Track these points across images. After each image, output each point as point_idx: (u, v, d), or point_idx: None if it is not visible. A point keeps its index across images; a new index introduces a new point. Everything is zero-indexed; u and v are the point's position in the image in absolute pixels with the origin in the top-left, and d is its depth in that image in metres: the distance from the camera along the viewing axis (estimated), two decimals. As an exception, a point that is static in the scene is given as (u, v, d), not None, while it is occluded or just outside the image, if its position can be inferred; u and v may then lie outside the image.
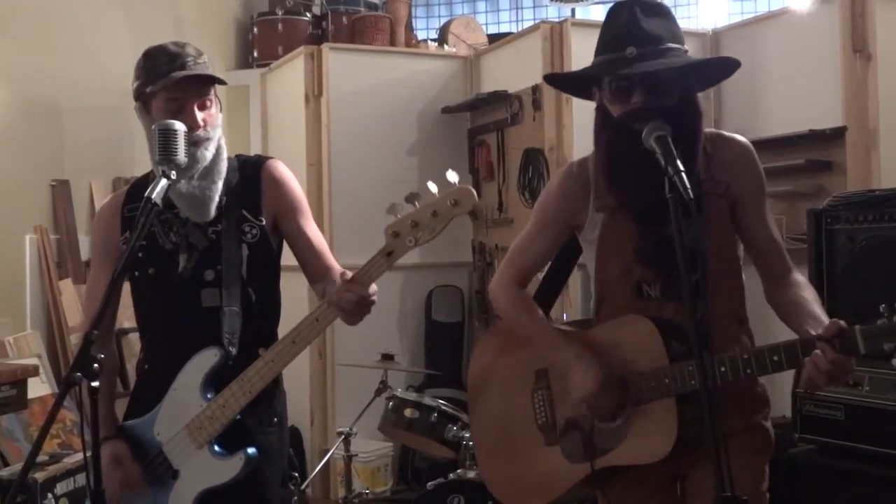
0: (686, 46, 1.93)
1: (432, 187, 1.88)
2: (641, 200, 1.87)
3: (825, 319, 1.82)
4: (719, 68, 2.01)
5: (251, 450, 2.01)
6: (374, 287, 1.95)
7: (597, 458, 1.96)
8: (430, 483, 3.35)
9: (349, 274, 1.95)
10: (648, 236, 1.90)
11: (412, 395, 3.68)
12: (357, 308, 1.94)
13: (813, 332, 1.77)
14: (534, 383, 2.10)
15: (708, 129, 2.00)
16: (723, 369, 1.79)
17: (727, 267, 1.97)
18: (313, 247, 2.20)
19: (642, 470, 1.92)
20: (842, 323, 1.71)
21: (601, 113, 1.99)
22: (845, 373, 1.73)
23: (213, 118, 2.09)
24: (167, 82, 2.02)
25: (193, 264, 2.09)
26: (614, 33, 1.91)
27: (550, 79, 2.27)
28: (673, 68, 1.86)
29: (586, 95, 2.05)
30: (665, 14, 1.93)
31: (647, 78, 1.85)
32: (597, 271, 2.05)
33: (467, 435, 3.44)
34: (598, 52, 1.95)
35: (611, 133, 1.94)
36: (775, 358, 1.75)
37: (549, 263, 2.29)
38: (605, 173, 1.97)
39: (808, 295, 1.94)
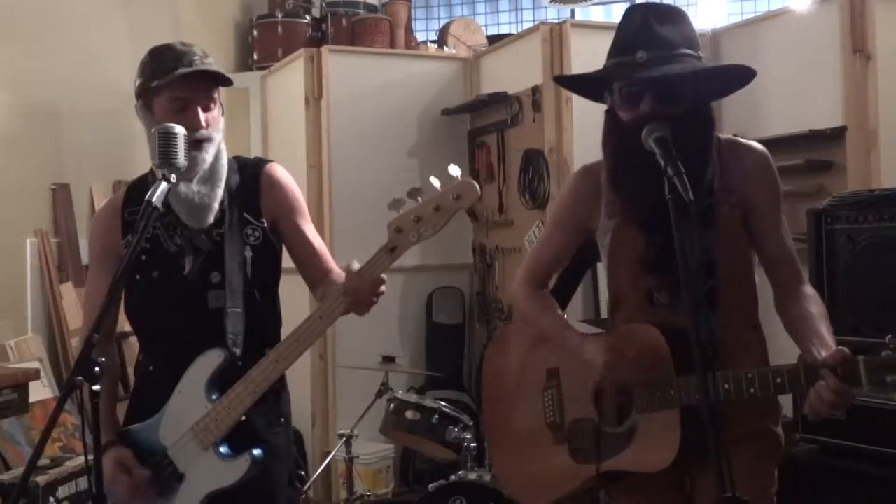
0: (701, 53, 1.88)
1: (434, 182, 1.88)
2: (645, 206, 1.85)
3: (829, 339, 1.81)
4: (734, 77, 1.96)
5: (257, 451, 2.00)
6: (384, 276, 1.97)
7: (602, 461, 1.96)
8: (431, 485, 3.35)
9: (357, 265, 1.96)
10: (653, 243, 1.88)
11: (413, 397, 3.68)
12: (369, 298, 1.97)
13: (817, 354, 1.76)
14: (545, 382, 2.11)
15: (724, 135, 1.98)
16: (727, 386, 1.77)
17: (740, 277, 1.95)
18: (313, 250, 2.20)
19: (648, 474, 1.92)
20: (847, 351, 1.69)
21: (610, 117, 1.96)
22: (847, 402, 1.71)
23: (216, 120, 2.09)
24: (172, 78, 2.00)
25: (199, 267, 2.08)
26: (627, 36, 1.89)
27: (560, 80, 2.24)
28: (681, 75, 1.83)
29: (598, 97, 2.02)
30: (680, 19, 1.90)
31: (657, 84, 1.82)
32: (609, 277, 2.05)
33: (468, 437, 3.45)
34: (610, 54, 1.93)
35: (616, 139, 1.92)
36: (778, 380, 1.75)
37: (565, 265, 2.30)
38: (609, 178, 1.96)
39: (815, 310, 1.91)
